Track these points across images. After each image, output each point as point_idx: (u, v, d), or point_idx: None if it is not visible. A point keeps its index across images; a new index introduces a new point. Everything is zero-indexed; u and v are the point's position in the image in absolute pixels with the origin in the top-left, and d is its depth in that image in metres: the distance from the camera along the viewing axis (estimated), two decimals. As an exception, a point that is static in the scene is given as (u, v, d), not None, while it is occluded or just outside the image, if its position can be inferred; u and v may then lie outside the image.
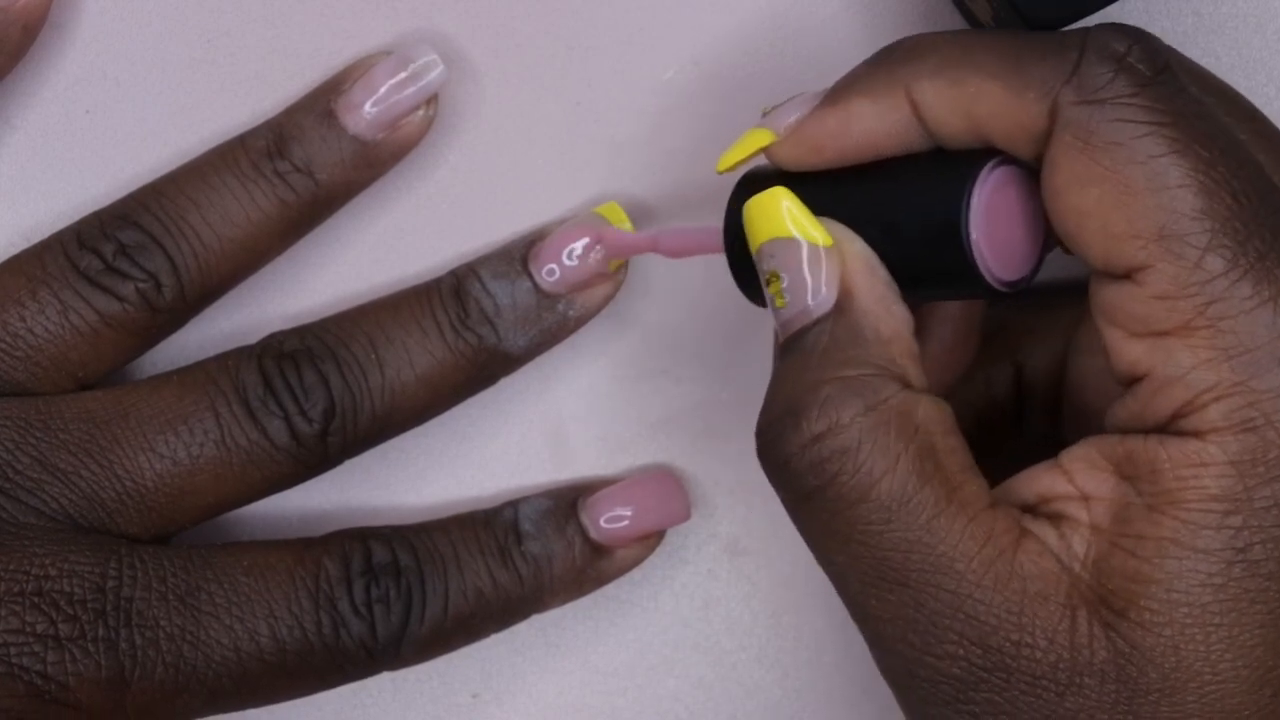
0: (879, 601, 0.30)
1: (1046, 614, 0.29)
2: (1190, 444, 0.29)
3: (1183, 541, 0.29)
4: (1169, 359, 0.29)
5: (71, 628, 0.33)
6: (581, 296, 0.37)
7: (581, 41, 0.38)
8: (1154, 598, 0.29)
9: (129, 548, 0.35)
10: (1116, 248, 0.29)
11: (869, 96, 0.31)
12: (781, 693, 0.40)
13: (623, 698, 0.40)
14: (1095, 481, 0.30)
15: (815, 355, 0.30)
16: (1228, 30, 0.39)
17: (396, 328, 0.36)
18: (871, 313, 0.31)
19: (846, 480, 0.30)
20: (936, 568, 0.29)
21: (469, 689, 0.39)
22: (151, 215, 0.35)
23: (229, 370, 0.36)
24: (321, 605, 0.35)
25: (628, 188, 0.39)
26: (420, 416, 0.37)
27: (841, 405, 0.30)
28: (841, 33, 0.39)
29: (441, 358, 0.36)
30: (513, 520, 0.37)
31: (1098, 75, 0.29)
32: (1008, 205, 0.31)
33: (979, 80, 0.30)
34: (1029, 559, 0.29)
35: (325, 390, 0.35)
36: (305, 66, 0.38)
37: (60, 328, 0.35)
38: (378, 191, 0.38)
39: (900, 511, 0.29)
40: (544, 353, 0.38)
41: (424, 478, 0.39)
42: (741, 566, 0.40)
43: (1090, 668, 0.29)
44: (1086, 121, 0.29)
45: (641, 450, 0.40)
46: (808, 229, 0.31)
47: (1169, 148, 0.29)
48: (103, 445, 0.35)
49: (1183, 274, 0.29)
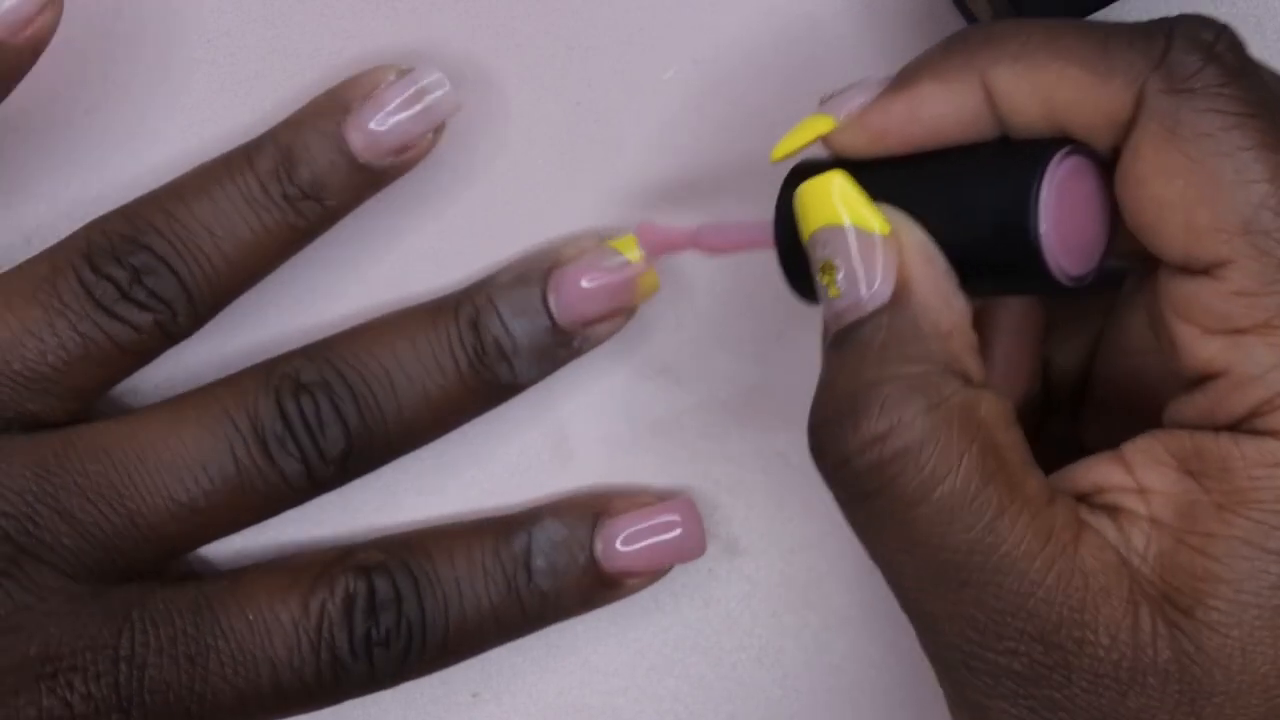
0: (939, 599, 0.29)
1: (1109, 610, 0.28)
2: (1267, 443, 0.28)
3: (1255, 542, 0.28)
4: (1247, 357, 0.28)
5: (86, 705, 0.34)
6: (596, 330, 0.37)
7: (581, 41, 0.38)
8: (1222, 598, 0.28)
9: (140, 609, 0.35)
10: (1199, 241, 0.29)
11: (941, 80, 0.30)
12: (781, 693, 0.40)
13: (623, 698, 0.40)
14: (1156, 475, 0.29)
15: (873, 350, 0.30)
16: (1228, 30, 0.39)
17: (414, 362, 0.36)
18: (931, 305, 0.30)
19: (909, 481, 0.29)
20: (999, 568, 0.29)
21: (469, 688, 0.39)
22: (163, 239, 0.35)
23: (246, 406, 0.36)
24: (323, 655, 0.36)
25: (628, 188, 0.39)
26: (428, 440, 0.37)
27: (903, 404, 0.29)
28: (842, 32, 0.39)
29: (457, 394, 0.37)
30: (524, 551, 0.37)
31: (1187, 64, 0.29)
32: (1077, 196, 0.30)
33: (1061, 65, 0.29)
34: (1090, 554, 0.29)
35: (343, 429, 0.36)
36: (305, 66, 0.38)
37: (80, 359, 0.35)
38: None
39: (963, 512, 0.29)
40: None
41: (425, 477, 0.39)
42: (741, 566, 0.40)
43: (1154, 667, 0.28)
44: (1175, 111, 0.28)
45: (642, 450, 0.40)
46: (864, 215, 0.30)
47: (1258, 141, 0.28)
48: (122, 492, 0.35)
49: (1267, 270, 0.28)
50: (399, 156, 0.36)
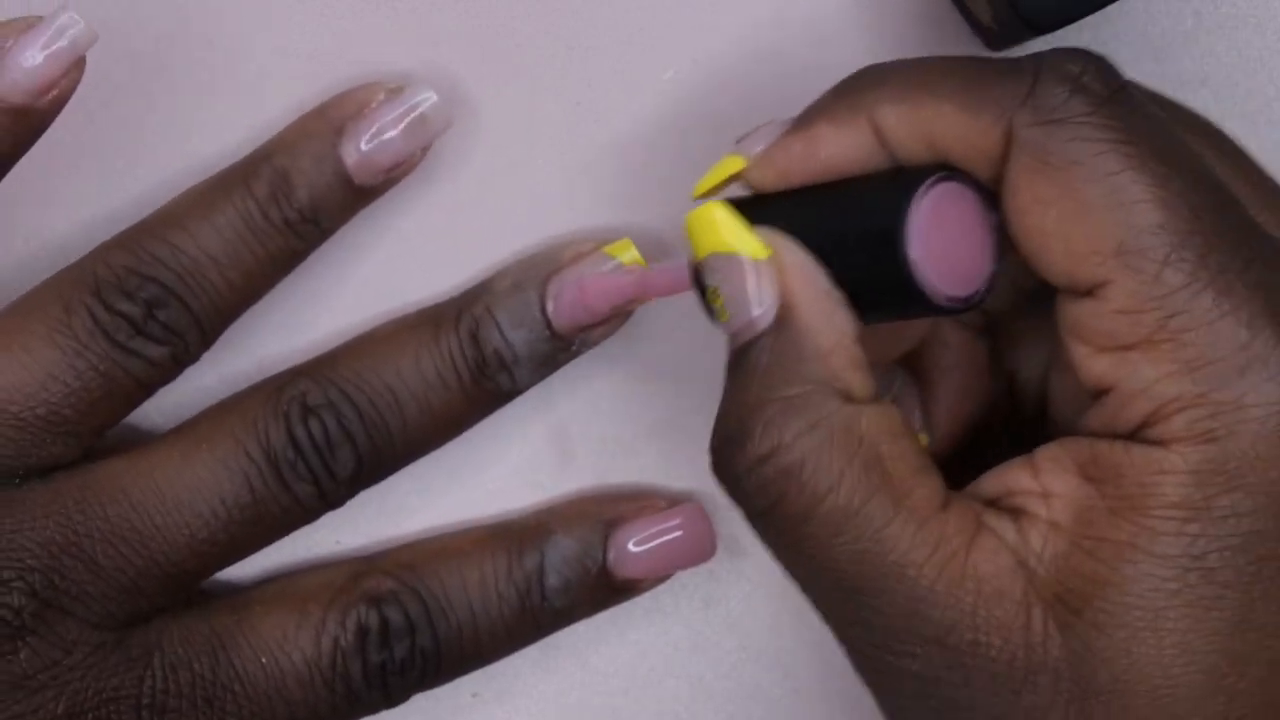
0: (838, 608, 0.30)
1: (1002, 612, 0.29)
2: (1154, 452, 0.29)
3: (1141, 546, 0.29)
4: (1133, 373, 0.29)
5: None
6: (594, 333, 0.38)
7: (581, 41, 0.38)
8: (1109, 599, 0.29)
9: (159, 654, 0.35)
10: (1077, 265, 0.29)
11: (833, 122, 0.32)
12: (781, 693, 0.40)
13: (623, 698, 0.40)
14: (1059, 480, 0.30)
15: (758, 374, 0.31)
16: (1228, 30, 0.39)
17: (417, 379, 0.37)
18: (811, 326, 0.31)
19: (794, 499, 0.30)
20: (888, 575, 0.29)
21: (469, 689, 0.39)
22: (170, 271, 0.35)
23: (257, 434, 0.36)
24: (337, 688, 0.36)
25: (627, 188, 0.39)
26: (431, 450, 0.38)
27: (784, 425, 0.30)
28: (841, 32, 0.39)
29: (459, 406, 0.37)
30: (537, 569, 0.38)
31: (1053, 95, 0.30)
32: (953, 220, 0.31)
33: (936, 103, 0.31)
34: (984, 558, 0.30)
35: (352, 449, 0.36)
36: (305, 66, 0.38)
37: (102, 399, 0.35)
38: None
39: (848, 525, 0.30)
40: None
41: (425, 477, 0.39)
42: (741, 566, 0.40)
43: (1045, 666, 0.29)
44: (1043, 142, 0.29)
45: (642, 450, 0.40)
46: (742, 241, 0.31)
47: (1126, 164, 0.29)
48: (144, 534, 0.35)
49: (1143, 288, 0.29)
50: (390, 174, 0.36)
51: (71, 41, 0.34)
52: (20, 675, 0.34)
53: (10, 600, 0.34)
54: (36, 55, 0.34)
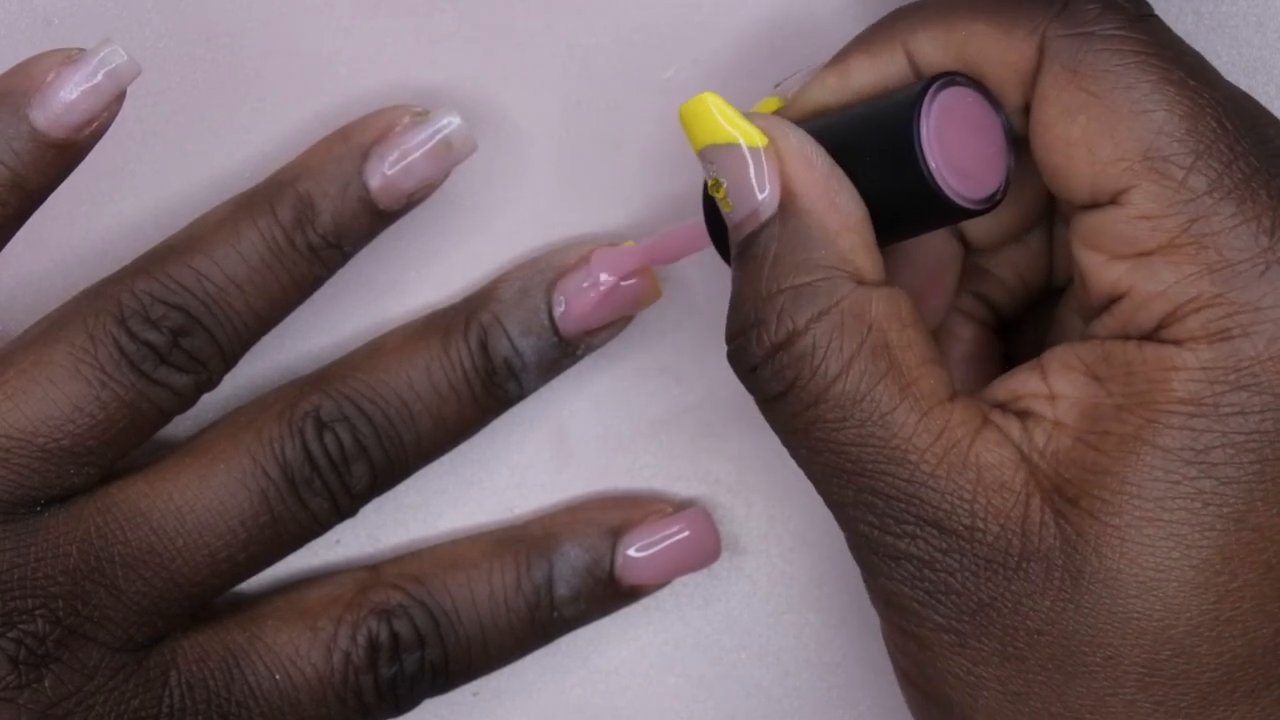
0: (840, 489, 0.31)
1: (1000, 500, 0.30)
2: (1166, 349, 0.29)
3: (1144, 439, 0.29)
4: (1152, 276, 0.30)
5: None
6: (599, 336, 0.38)
7: (581, 41, 0.38)
8: (1106, 488, 0.29)
9: (176, 672, 0.35)
10: (1103, 173, 0.30)
11: (867, 53, 0.32)
12: (781, 692, 0.40)
13: (623, 697, 0.40)
14: (1066, 381, 0.30)
15: (768, 261, 0.31)
16: (1228, 30, 0.39)
17: (429, 391, 0.37)
18: (816, 210, 0.31)
19: (806, 383, 0.31)
20: (890, 459, 0.30)
21: (469, 688, 0.39)
22: (195, 299, 0.35)
23: (274, 452, 0.36)
24: (349, 702, 0.36)
25: (628, 188, 0.39)
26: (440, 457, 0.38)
27: (796, 312, 0.31)
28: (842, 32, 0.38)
29: (470, 414, 0.37)
30: (546, 580, 0.38)
31: (1086, 10, 0.30)
32: (962, 122, 0.31)
33: (970, 23, 0.31)
34: (986, 449, 0.30)
35: (367, 464, 0.36)
36: (305, 67, 0.38)
37: (126, 429, 0.35)
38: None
39: (855, 409, 0.30)
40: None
41: (426, 478, 0.39)
42: (741, 566, 0.40)
43: (1038, 553, 0.29)
44: (1075, 52, 0.30)
45: (642, 450, 0.40)
46: (738, 129, 0.32)
47: (1155, 74, 0.30)
48: (164, 557, 0.35)
49: (1167, 193, 0.29)
50: (414, 199, 0.36)
51: (113, 76, 0.33)
52: (46, 703, 0.34)
53: (35, 628, 0.34)
54: (76, 90, 0.33)
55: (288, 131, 0.38)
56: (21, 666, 0.34)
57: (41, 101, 0.33)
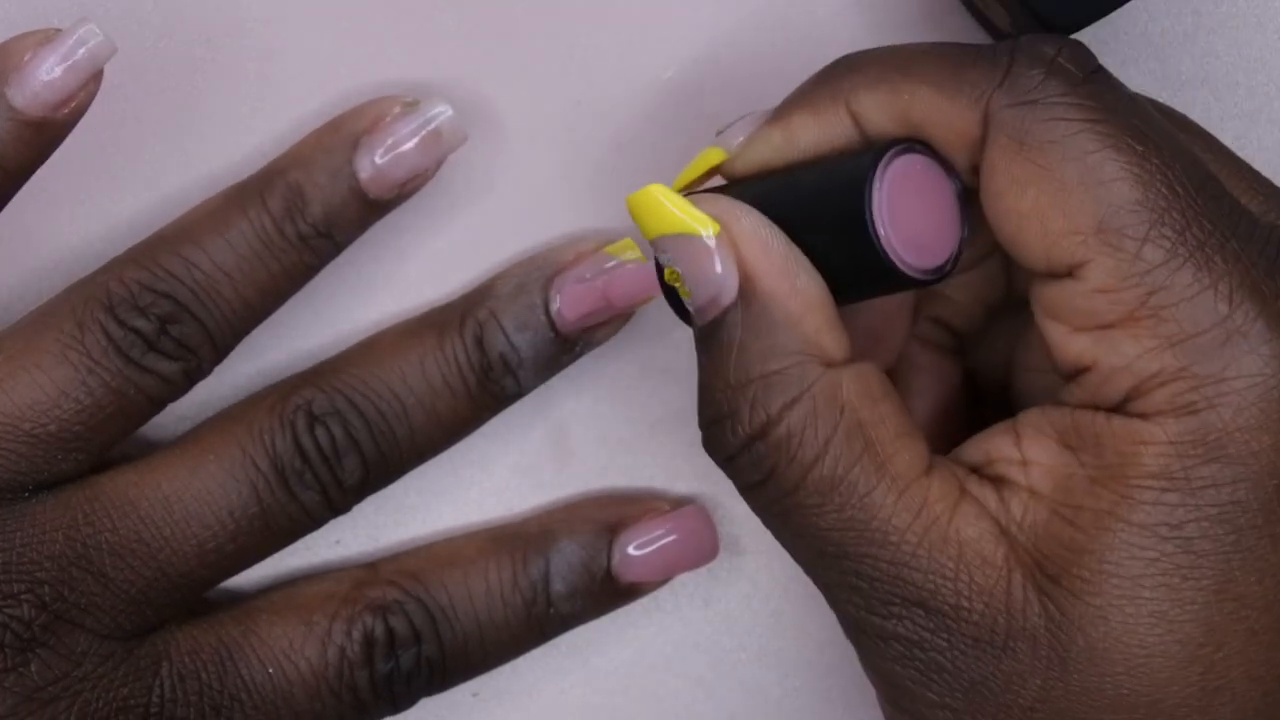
0: (825, 571, 0.31)
1: (983, 578, 0.30)
2: (1134, 423, 0.29)
3: (1119, 515, 0.29)
4: (1113, 350, 0.29)
5: None
6: (597, 334, 0.38)
7: (581, 41, 0.38)
8: (1086, 567, 0.29)
9: (167, 663, 0.35)
10: (1056, 245, 0.30)
11: (811, 111, 0.32)
12: (781, 692, 0.40)
13: (623, 697, 0.40)
14: (1040, 448, 0.30)
15: (733, 351, 0.31)
16: (1228, 30, 0.39)
17: (424, 386, 0.37)
18: (777, 294, 0.31)
19: (783, 470, 0.30)
20: (871, 541, 0.30)
21: (469, 688, 0.39)
22: (185, 287, 0.35)
23: (264, 444, 0.36)
24: (344, 698, 0.36)
25: (628, 188, 0.39)
26: (436, 454, 0.38)
27: (768, 403, 0.30)
28: (843, 32, 0.39)
29: (466, 410, 0.37)
30: (543, 577, 0.38)
31: (1029, 77, 0.30)
32: (916, 191, 0.31)
33: (912, 87, 0.31)
34: (966, 523, 0.30)
35: (359, 458, 0.36)
36: (305, 67, 0.38)
37: (114, 415, 0.35)
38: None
39: (834, 492, 0.30)
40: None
41: (424, 477, 0.39)
42: (741, 566, 0.40)
43: (1024, 632, 0.29)
44: (1020, 123, 0.30)
45: (642, 450, 0.40)
46: (691, 217, 0.31)
47: (1102, 143, 0.29)
48: (152, 546, 0.35)
49: (1122, 266, 0.29)
50: (405, 189, 0.36)
51: (90, 54, 0.34)
52: (32, 687, 0.34)
53: (20, 613, 0.34)
54: (55, 68, 0.34)
55: (287, 131, 0.38)
56: (7, 650, 0.34)
57: (19, 80, 0.34)
